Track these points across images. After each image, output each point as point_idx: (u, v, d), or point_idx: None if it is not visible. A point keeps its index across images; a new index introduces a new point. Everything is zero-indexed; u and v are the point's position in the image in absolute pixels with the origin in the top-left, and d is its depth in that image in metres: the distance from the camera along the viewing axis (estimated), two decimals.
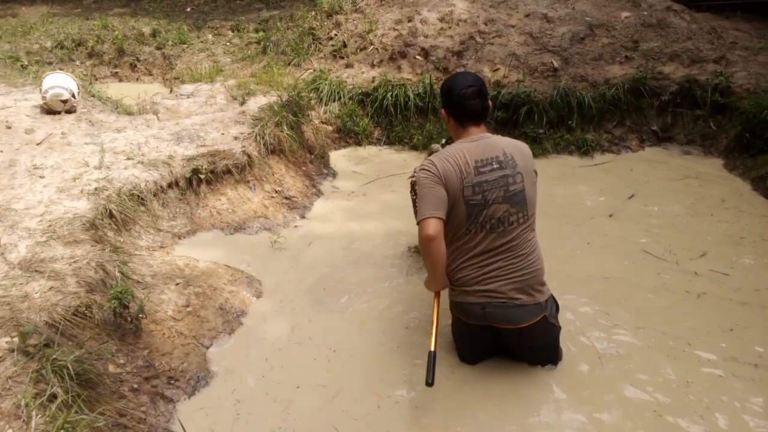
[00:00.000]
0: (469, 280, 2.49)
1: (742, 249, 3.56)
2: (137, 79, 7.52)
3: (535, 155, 4.95)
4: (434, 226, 2.35)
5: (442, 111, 2.61)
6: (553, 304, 2.59)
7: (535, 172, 2.54)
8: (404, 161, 5.06)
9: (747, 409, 2.41)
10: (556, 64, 5.61)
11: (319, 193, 4.46)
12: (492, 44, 5.89)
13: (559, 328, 2.62)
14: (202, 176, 3.86)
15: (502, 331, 2.52)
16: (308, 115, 5.25)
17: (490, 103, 2.59)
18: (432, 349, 2.40)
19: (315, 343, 2.87)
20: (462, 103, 2.49)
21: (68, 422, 1.89)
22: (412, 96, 5.41)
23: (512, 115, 5.26)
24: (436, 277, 2.52)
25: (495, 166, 2.41)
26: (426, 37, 6.12)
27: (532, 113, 5.25)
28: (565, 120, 5.31)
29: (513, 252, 2.44)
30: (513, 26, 6.10)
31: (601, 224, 3.92)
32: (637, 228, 3.83)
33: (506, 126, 5.30)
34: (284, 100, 4.96)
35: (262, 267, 3.46)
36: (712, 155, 5.10)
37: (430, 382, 2.32)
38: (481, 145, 2.46)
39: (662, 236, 3.71)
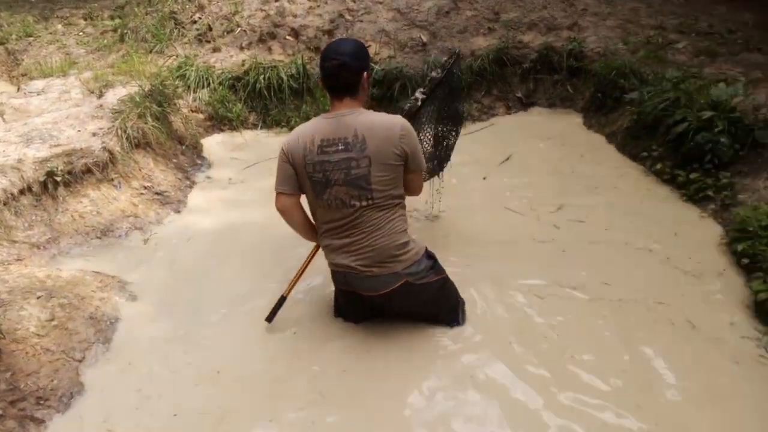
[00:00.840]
0: (329, 251, 2.61)
1: (597, 198, 3.88)
2: None
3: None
4: (281, 201, 2.59)
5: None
6: (423, 263, 2.60)
7: (403, 153, 2.41)
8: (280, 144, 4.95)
9: (604, 342, 2.66)
10: (424, 39, 5.73)
11: (193, 185, 4.27)
12: (362, 21, 5.90)
13: (439, 282, 2.67)
14: (58, 178, 3.55)
15: (365, 297, 2.60)
16: (176, 104, 5.00)
17: (363, 77, 2.42)
18: (284, 294, 2.79)
19: (194, 358, 2.68)
20: (325, 75, 2.43)
21: None
22: (285, 78, 5.30)
23: (387, 91, 5.31)
24: (303, 238, 2.76)
25: (340, 148, 2.38)
26: (295, 16, 6.01)
27: (406, 88, 5.32)
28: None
29: (358, 229, 2.48)
30: (381, 2, 6.14)
31: (475, 186, 4.09)
32: (504, 188, 4.06)
33: (382, 102, 5.34)
34: (147, 90, 4.67)
35: (135, 269, 3.27)
36: (571, 115, 5.46)
37: (268, 319, 2.77)
38: (334, 123, 2.41)
39: (527, 194, 3.95)
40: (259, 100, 5.31)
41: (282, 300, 2.78)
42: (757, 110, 4.02)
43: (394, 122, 2.43)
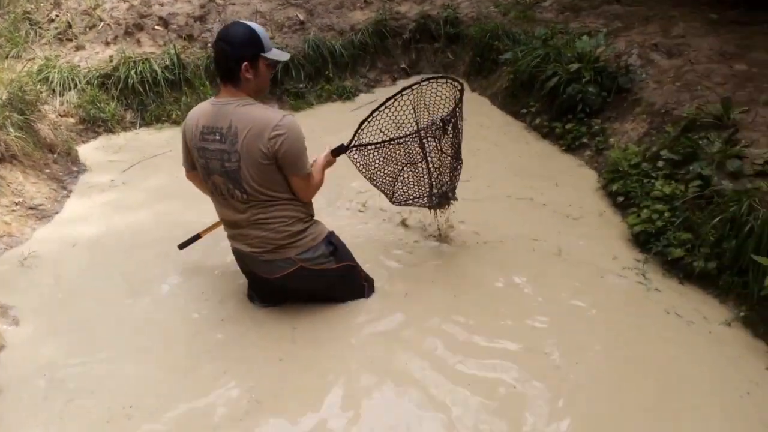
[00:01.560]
0: (226, 232, 2.63)
1: (480, 158, 4.02)
2: None
3: (300, 108, 5.16)
4: (186, 174, 2.67)
5: None
6: (321, 250, 2.57)
7: (270, 153, 2.25)
8: (168, 139, 4.73)
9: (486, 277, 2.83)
10: (301, 17, 5.63)
11: (71, 194, 3.98)
12: (234, 4, 5.70)
13: (341, 270, 2.65)
14: None
15: (262, 278, 2.61)
16: (41, 111, 4.61)
17: (243, 66, 2.21)
18: (200, 234, 3.02)
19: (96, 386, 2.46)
20: (214, 62, 2.37)
21: None
22: (159, 70, 5.04)
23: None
24: None
25: (217, 138, 2.30)
26: (162, 5, 5.70)
27: (289, 69, 5.23)
28: (321, 71, 5.40)
29: (242, 220, 2.46)
30: None
31: None
32: None
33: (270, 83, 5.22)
34: (4, 98, 4.26)
35: (15, 292, 3.00)
36: None
37: (180, 246, 3.05)
38: (215, 110, 2.30)
39: None
40: (134, 97, 5.02)
41: (196, 237, 3.00)
42: (618, 58, 4.32)
43: (270, 119, 2.23)
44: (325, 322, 2.68)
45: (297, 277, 2.54)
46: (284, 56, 2.40)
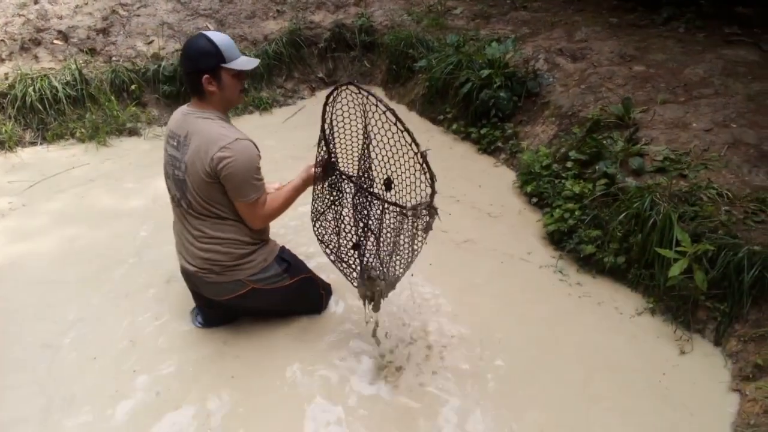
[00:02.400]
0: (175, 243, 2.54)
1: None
2: None
3: None
4: None
5: None
6: (273, 269, 2.49)
7: (212, 174, 2.17)
8: (72, 157, 4.45)
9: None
10: (212, 28, 5.47)
11: None
12: (139, 16, 5.46)
13: (296, 284, 2.58)
14: None
15: (212, 300, 2.51)
16: None
17: (201, 79, 2.15)
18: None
19: None
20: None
21: None
22: (60, 87, 4.73)
23: (181, 87, 5.00)
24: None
25: (174, 144, 2.30)
26: (61, 18, 5.37)
27: None
28: None
29: (186, 231, 2.40)
30: None
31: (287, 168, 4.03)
32: None
33: (178, 99, 5.03)
34: None
35: None
36: (373, 89, 5.62)
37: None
38: (182, 118, 2.29)
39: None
40: (34, 115, 4.68)
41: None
42: (527, 63, 4.46)
43: (219, 139, 2.16)
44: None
45: (249, 298, 2.45)
46: (251, 64, 2.26)
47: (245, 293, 2.44)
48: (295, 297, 2.64)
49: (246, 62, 2.24)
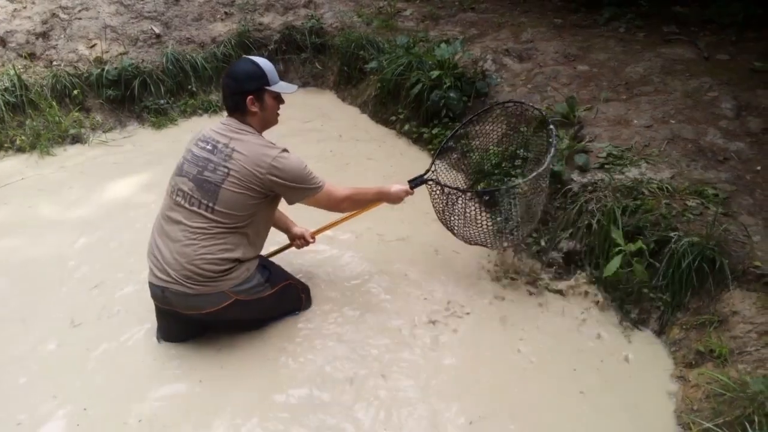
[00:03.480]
0: (149, 259, 2.43)
1: (353, 170, 4.08)
2: None
3: (163, 125, 4.90)
4: None
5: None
6: (256, 279, 2.47)
7: (267, 183, 2.31)
8: (11, 169, 4.27)
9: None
10: (157, 30, 5.35)
11: None
12: (80, 19, 5.28)
13: (278, 292, 2.57)
14: None
15: (185, 315, 2.41)
16: None
17: (246, 99, 2.32)
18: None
19: None
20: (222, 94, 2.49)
21: None
22: None
23: (126, 91, 4.88)
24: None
25: (208, 147, 2.35)
26: None
27: (147, 85, 4.95)
28: (184, 86, 5.17)
29: (181, 233, 2.32)
30: None
31: None
32: None
33: (124, 103, 4.92)
34: None
35: None
36: (326, 92, 5.61)
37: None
38: (221, 127, 2.39)
39: None
40: None
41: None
42: (475, 63, 4.52)
43: (272, 149, 2.34)
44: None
45: (230, 310, 2.39)
46: (291, 89, 2.48)
47: (228, 305, 2.38)
48: (275, 305, 2.64)
49: (287, 87, 2.47)
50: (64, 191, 3.92)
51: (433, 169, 2.97)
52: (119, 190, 3.91)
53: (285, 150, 2.38)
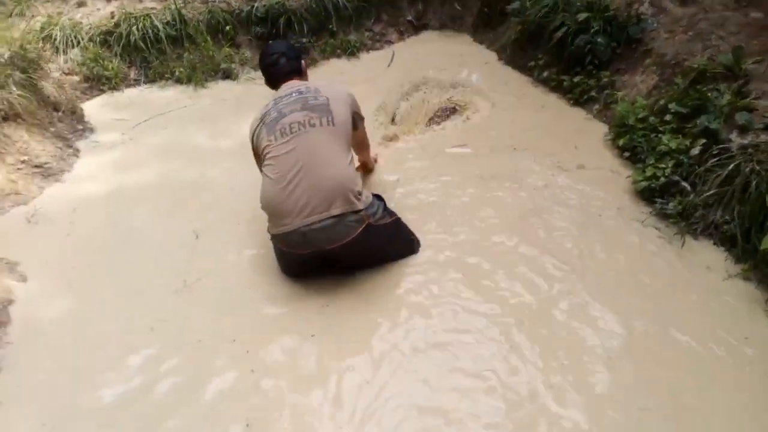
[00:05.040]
0: (281, 212, 2.52)
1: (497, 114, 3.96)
2: None
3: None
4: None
5: None
6: (377, 204, 2.68)
7: (352, 107, 2.73)
8: (171, 98, 4.70)
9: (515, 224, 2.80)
10: None
11: (78, 152, 3.99)
12: None
13: (394, 223, 2.75)
14: None
15: (326, 251, 2.55)
16: (45, 69, 4.58)
17: (303, 63, 2.88)
18: None
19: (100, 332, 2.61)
20: (269, 71, 2.82)
21: None
22: (161, 26, 4.95)
23: (272, 28, 5.10)
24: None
25: (294, 94, 2.62)
26: None
27: (291, 23, 5.13)
28: (325, 25, 5.28)
29: (311, 160, 2.45)
30: None
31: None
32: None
33: (270, 39, 5.14)
34: (6, 57, 4.24)
35: (22, 249, 3.06)
36: (463, 35, 5.47)
37: None
38: (294, 83, 2.74)
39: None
40: (137, 54, 4.95)
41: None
42: (629, 6, 4.16)
43: (342, 87, 2.80)
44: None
45: (363, 239, 2.52)
46: None
47: (361, 232, 2.50)
48: (394, 238, 2.76)
49: None
50: (219, 122, 4.25)
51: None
52: None
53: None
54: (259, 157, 2.66)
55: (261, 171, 2.63)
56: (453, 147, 3.66)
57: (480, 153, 3.61)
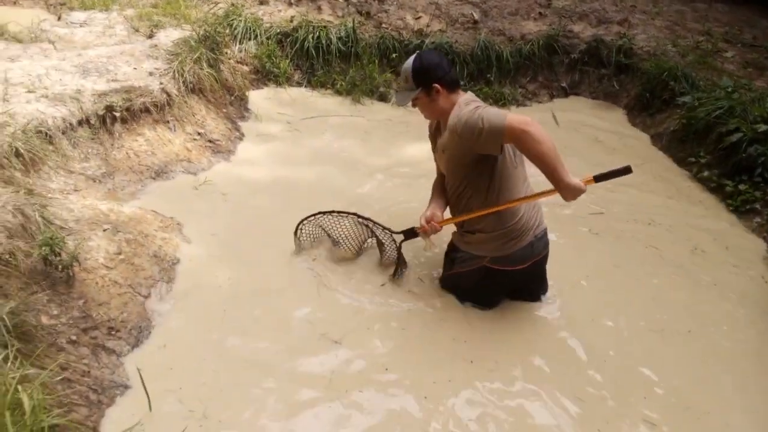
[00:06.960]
0: (522, 226, 2.61)
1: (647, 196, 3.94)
2: (15, 3, 6.60)
3: None
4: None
5: (436, 85, 2.49)
6: None
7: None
8: (330, 106, 4.94)
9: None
10: (476, 16, 5.68)
11: (243, 137, 4.25)
12: None
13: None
14: (116, 114, 3.52)
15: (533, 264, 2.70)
16: (226, 53, 4.93)
17: None
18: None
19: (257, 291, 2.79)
20: (451, 72, 2.57)
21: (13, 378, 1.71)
22: (334, 39, 5.24)
23: None
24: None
25: None
26: None
27: (455, 64, 5.30)
28: (484, 73, 5.43)
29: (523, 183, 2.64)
30: None
31: None
32: None
33: None
34: (200, 35, 4.60)
35: (188, 214, 3.26)
36: (615, 110, 5.46)
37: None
38: (466, 95, 2.62)
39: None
40: (306, 59, 5.25)
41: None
42: None
43: None
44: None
45: (540, 262, 2.76)
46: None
47: (545, 254, 2.77)
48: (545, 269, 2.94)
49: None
50: (374, 140, 4.42)
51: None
52: (411, 151, 4.29)
53: None
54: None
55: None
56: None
57: None
